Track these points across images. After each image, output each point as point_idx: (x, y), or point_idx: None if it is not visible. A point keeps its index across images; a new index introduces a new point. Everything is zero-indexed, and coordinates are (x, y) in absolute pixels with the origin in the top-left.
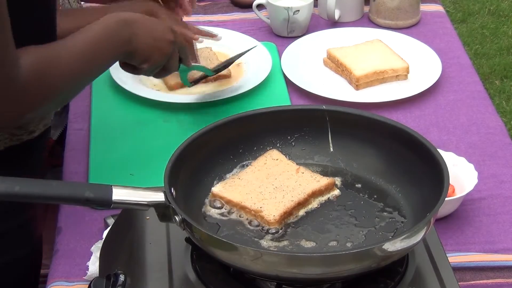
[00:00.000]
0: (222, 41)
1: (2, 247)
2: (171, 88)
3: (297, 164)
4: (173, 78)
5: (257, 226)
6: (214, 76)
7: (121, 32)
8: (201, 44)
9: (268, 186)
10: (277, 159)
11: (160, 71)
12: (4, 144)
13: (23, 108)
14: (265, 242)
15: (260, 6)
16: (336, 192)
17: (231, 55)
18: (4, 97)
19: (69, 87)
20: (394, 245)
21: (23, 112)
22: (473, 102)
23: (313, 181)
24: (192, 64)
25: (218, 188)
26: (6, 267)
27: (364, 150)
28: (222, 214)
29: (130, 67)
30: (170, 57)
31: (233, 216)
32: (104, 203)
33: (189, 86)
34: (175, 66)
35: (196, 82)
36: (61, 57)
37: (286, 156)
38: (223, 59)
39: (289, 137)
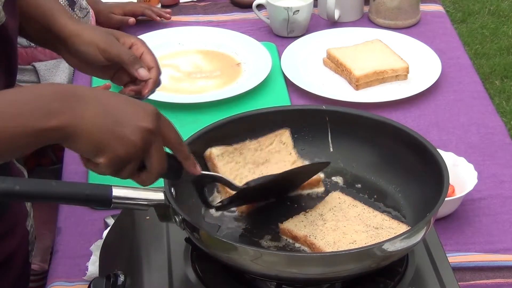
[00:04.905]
0: (222, 41)
1: None
2: None
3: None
4: None
5: (257, 226)
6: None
7: (51, 103)
8: None
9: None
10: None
11: (138, 174)
12: None
13: None
14: (265, 242)
15: (260, 6)
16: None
17: (232, 55)
18: None
19: None
20: (394, 245)
21: None
22: (473, 102)
23: None
24: None
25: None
26: None
27: (364, 150)
28: (222, 214)
29: (91, 163)
30: (148, 152)
31: (233, 216)
32: (104, 203)
33: None
34: (159, 167)
35: None
36: None
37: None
38: (224, 60)
39: None
